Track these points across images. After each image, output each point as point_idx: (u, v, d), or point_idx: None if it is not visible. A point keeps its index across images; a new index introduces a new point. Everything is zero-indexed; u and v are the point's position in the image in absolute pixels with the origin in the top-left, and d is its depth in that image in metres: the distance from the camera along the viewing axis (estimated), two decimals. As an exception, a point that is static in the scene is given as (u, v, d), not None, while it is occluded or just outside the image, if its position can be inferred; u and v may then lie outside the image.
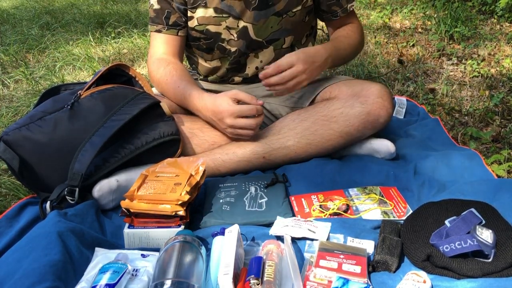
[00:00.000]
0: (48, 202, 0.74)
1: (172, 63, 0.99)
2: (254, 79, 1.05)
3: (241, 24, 0.96)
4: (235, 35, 0.97)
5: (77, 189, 0.75)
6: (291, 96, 1.02)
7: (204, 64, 1.05)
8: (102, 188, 0.79)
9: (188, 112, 0.99)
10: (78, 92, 0.84)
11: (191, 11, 0.97)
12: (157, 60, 0.99)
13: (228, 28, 0.97)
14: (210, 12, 0.95)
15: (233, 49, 0.99)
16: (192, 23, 0.98)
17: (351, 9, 1.02)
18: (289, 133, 0.90)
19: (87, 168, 0.76)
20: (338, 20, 1.03)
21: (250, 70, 1.03)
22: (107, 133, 0.79)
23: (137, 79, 0.96)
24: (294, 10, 0.97)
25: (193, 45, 1.03)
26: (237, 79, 1.05)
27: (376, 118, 0.87)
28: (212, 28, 0.97)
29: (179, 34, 0.99)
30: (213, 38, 0.98)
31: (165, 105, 0.89)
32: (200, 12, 0.95)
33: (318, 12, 1.04)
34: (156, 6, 0.97)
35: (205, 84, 1.09)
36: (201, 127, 0.94)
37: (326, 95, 0.95)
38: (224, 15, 0.95)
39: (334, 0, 0.99)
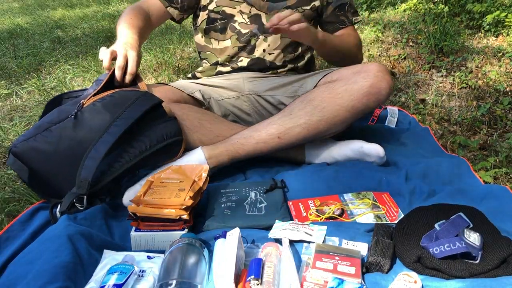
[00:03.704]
0: (58, 211, 0.75)
1: (144, 10, 1.07)
2: (259, 67, 1.09)
3: (254, 11, 1.06)
4: (247, 20, 1.06)
5: (85, 197, 0.77)
6: (292, 86, 1.06)
7: (217, 47, 1.11)
8: (129, 196, 0.82)
9: (199, 105, 1.03)
10: (81, 102, 0.85)
11: None
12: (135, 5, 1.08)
13: (241, 12, 1.06)
14: None
15: (244, 31, 1.07)
16: (211, 6, 1.07)
17: (356, 21, 1.12)
18: (299, 112, 0.93)
19: (93, 175, 0.77)
20: (342, 30, 1.11)
21: (258, 52, 1.09)
22: (110, 139, 0.79)
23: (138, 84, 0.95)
24: (304, 7, 1.06)
25: (209, 29, 1.10)
26: (245, 59, 1.09)
27: (378, 90, 0.91)
28: (227, 10, 1.06)
29: (167, 8, 1.10)
30: (227, 18, 1.07)
31: (166, 105, 0.90)
32: None
33: (321, 24, 1.14)
34: None
35: (209, 80, 1.12)
36: (210, 119, 0.97)
37: (328, 79, 0.99)
38: (239, 0, 1.05)
39: (342, 12, 1.09)
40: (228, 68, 1.12)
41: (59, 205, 0.76)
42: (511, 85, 1.58)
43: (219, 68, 1.12)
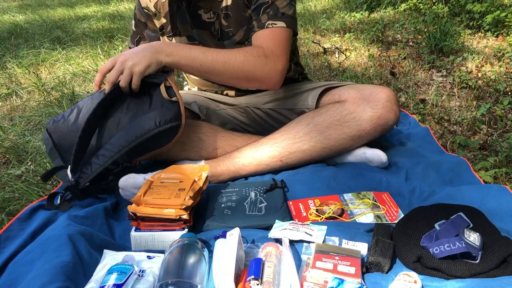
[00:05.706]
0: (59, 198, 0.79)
1: None
2: (247, 92, 1.08)
3: None
4: None
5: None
6: (291, 99, 1.04)
7: (196, 78, 1.10)
8: (128, 180, 0.83)
9: (195, 118, 1.03)
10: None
11: (168, 39, 1.02)
12: None
13: None
14: (184, 39, 1.01)
15: None
16: None
17: (270, 26, 0.88)
18: (304, 137, 0.92)
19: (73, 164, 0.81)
20: (252, 37, 0.90)
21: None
22: (79, 133, 0.83)
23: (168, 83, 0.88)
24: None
25: None
26: (230, 93, 1.09)
27: (386, 121, 0.91)
28: None
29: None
30: None
31: (163, 88, 0.85)
32: (176, 40, 1.01)
33: None
34: (133, 28, 1.08)
35: (203, 93, 1.12)
36: (207, 132, 0.97)
37: (336, 98, 0.98)
38: (195, 42, 1.01)
39: (256, 15, 0.91)
40: (218, 95, 1.10)
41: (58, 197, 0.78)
42: (511, 85, 1.58)
43: (208, 91, 1.11)
